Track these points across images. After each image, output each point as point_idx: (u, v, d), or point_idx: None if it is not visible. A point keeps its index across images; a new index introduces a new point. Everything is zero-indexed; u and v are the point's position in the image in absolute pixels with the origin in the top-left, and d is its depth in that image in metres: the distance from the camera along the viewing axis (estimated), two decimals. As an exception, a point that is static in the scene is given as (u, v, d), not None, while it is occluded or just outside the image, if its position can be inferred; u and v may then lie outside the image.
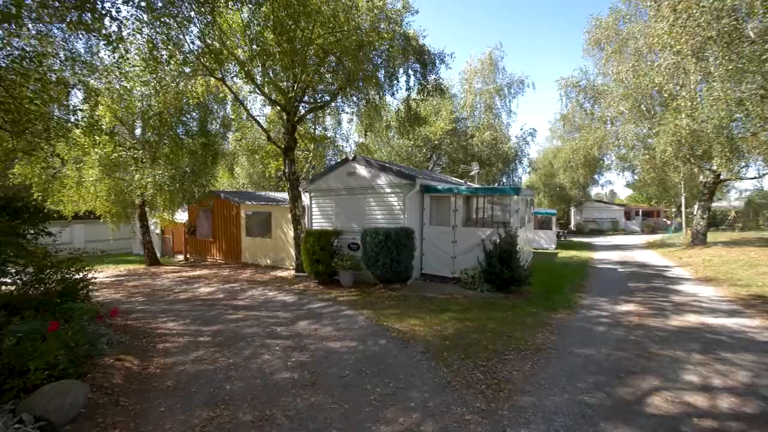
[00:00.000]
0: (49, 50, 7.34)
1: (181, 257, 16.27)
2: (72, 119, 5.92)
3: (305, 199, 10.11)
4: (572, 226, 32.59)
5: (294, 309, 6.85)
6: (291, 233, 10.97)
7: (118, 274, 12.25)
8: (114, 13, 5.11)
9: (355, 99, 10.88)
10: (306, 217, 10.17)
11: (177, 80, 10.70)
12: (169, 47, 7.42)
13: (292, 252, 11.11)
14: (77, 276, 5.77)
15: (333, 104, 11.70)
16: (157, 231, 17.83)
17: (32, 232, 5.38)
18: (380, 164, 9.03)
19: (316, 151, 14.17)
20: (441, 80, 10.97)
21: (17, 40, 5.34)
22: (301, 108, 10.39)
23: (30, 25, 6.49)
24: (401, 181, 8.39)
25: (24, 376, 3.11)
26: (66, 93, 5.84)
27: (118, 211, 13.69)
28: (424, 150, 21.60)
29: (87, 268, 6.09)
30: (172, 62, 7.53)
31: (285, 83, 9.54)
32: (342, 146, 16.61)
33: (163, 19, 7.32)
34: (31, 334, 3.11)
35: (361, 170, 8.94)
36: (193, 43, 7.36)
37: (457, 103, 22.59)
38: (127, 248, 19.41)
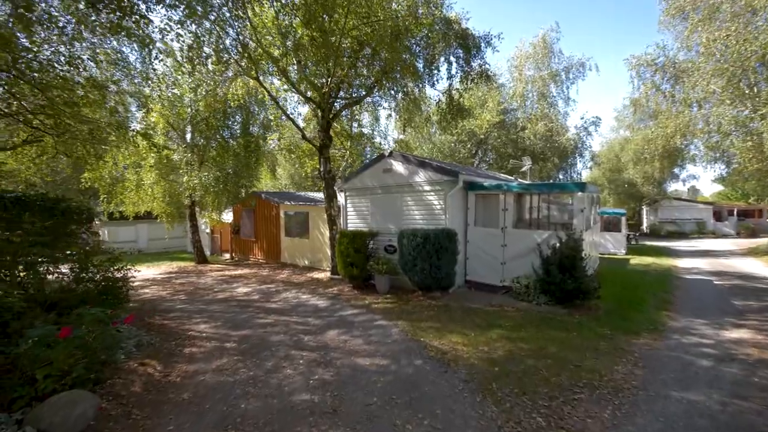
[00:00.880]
0: (104, 59, 7.80)
1: (228, 256, 16.99)
2: (111, 121, 6.13)
3: (340, 198, 9.73)
4: (644, 227, 28.66)
5: (325, 315, 6.42)
6: (328, 234, 10.70)
7: (169, 271, 12.98)
8: (144, 10, 5.08)
9: (392, 92, 10.27)
10: (341, 217, 9.79)
11: (219, 82, 11.01)
12: (205, 49, 7.48)
13: (329, 253, 10.83)
14: (118, 275, 5.92)
15: (369, 99, 11.20)
16: (207, 230, 18.90)
17: (77, 231, 5.59)
18: (419, 160, 8.30)
19: (353, 148, 13.81)
20: (487, 65, 9.91)
21: (62, 46, 5.56)
22: (336, 104, 10.04)
23: (92, 39, 6.91)
24: (442, 177, 7.59)
25: (35, 384, 2.95)
26: (103, 96, 6.01)
27: (172, 212, 14.61)
28: (469, 145, 20.27)
29: (128, 267, 6.25)
30: (210, 63, 7.57)
31: (319, 80, 9.24)
32: (380, 143, 16.10)
33: (203, 23, 7.40)
34: (43, 339, 2.94)
35: (398, 167, 8.28)
36: (220, 37, 7.26)
37: (506, 93, 20.83)
38: (183, 246, 20.90)
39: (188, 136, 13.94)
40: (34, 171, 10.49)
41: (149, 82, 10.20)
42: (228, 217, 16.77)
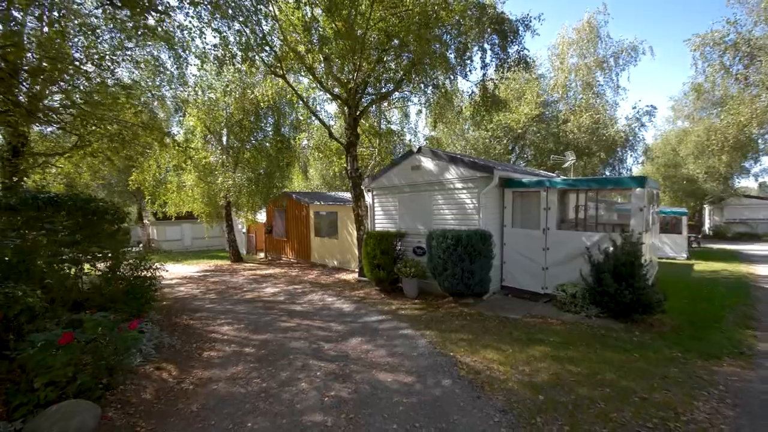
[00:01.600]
0: (144, 66, 8.08)
1: (262, 255, 17.36)
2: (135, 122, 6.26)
3: (368, 197, 9.39)
4: (707, 228, 25.58)
5: (349, 321, 6.08)
6: (356, 234, 10.43)
7: (206, 269, 13.39)
8: (165, 6, 5.06)
9: (422, 86, 9.76)
10: (368, 217, 9.45)
11: (248, 85, 11.13)
12: (232, 48, 7.49)
13: (357, 254, 10.56)
14: (146, 274, 5.98)
15: (398, 94, 10.79)
16: (244, 230, 19.51)
17: (108, 230, 5.70)
18: (449, 155, 7.72)
19: (382, 146, 13.44)
20: (525, 51, 9.07)
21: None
22: (363, 101, 9.72)
23: (128, 44, 7.18)
24: (474, 173, 6.96)
25: (35, 392, 2.84)
26: (128, 96, 6.14)
27: (210, 212, 15.16)
28: (505, 141, 19.13)
29: (156, 266, 6.31)
30: (236, 61, 7.56)
31: (346, 76, 8.96)
32: (410, 141, 15.58)
33: (232, 25, 7.41)
34: (47, 345, 2.83)
35: (427, 163, 7.77)
36: (245, 35, 7.18)
37: (546, 84, 19.42)
38: (222, 245, 21.76)
39: (224, 139, 14.37)
40: (90, 174, 11.27)
41: (185, 86, 10.57)
42: (263, 217, 17.15)
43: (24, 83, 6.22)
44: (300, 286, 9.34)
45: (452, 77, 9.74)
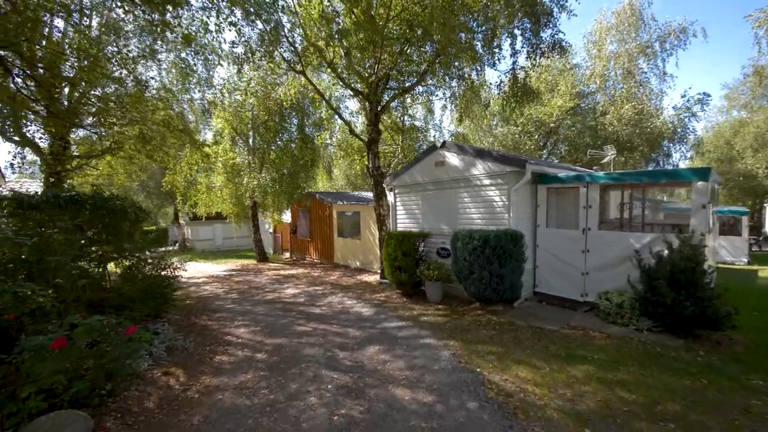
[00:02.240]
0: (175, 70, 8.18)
1: (288, 255, 17.47)
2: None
3: (390, 196, 9.00)
4: (767, 230, 22.89)
5: (367, 326, 5.72)
6: (378, 234, 10.09)
7: (232, 268, 13.60)
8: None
9: (446, 78, 9.23)
10: (390, 216, 9.06)
11: (272, 85, 11.11)
12: (251, 43, 7.39)
13: (380, 255, 10.21)
14: (165, 273, 5.97)
15: (422, 89, 10.31)
16: (270, 230, 19.77)
17: (128, 230, 5.73)
18: (476, 149, 7.17)
19: (404, 143, 12.99)
20: (560, 34, 8.29)
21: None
22: (385, 96, 9.35)
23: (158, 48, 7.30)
24: (504, 168, 6.38)
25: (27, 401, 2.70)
26: (143, 92, 6.17)
27: (238, 212, 15.41)
28: (536, 136, 18.01)
29: (176, 266, 6.30)
30: (256, 57, 7.46)
31: (366, 69, 8.64)
32: (435, 137, 15.00)
33: (253, 19, 7.33)
34: (40, 351, 2.69)
35: (452, 159, 7.26)
36: (262, 31, 7.04)
37: (581, 75, 18.08)
38: (250, 245, 22.26)
39: (251, 140, 14.54)
40: (125, 175, 11.75)
41: (212, 88, 10.73)
42: (288, 217, 17.25)
43: (59, 89, 6.45)
44: (321, 288, 9.13)
45: (479, 67, 9.13)
